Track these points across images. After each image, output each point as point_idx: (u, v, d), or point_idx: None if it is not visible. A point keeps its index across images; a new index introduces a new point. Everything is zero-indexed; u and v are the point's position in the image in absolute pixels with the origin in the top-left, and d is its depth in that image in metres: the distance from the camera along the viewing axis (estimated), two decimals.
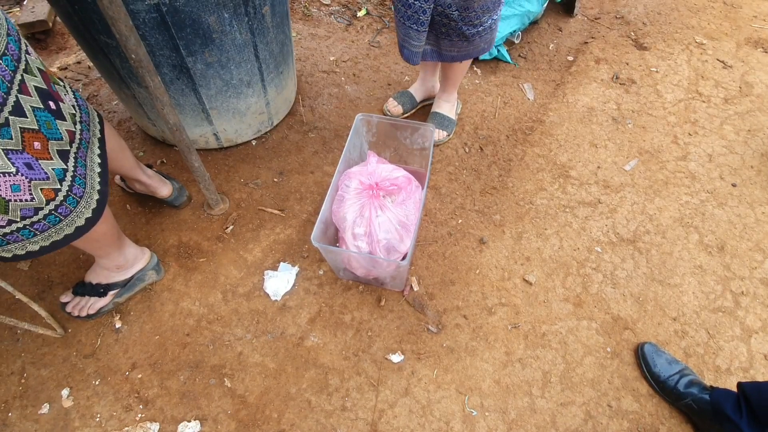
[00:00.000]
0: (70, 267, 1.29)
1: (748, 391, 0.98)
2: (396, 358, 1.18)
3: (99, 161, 0.96)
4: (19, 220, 0.77)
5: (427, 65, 1.62)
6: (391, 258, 1.17)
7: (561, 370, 1.18)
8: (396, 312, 1.26)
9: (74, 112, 0.89)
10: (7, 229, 0.77)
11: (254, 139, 1.60)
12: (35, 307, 1.09)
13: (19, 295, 1.05)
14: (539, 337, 1.23)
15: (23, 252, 0.84)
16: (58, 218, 0.84)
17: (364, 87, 1.80)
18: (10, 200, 0.74)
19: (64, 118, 0.84)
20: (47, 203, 0.80)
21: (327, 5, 2.13)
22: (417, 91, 1.69)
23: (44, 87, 0.80)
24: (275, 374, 1.15)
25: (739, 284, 1.35)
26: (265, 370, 1.16)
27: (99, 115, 1.03)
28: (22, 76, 0.74)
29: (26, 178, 0.74)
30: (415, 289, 1.30)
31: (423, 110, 1.75)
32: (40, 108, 0.77)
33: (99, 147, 0.98)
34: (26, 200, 0.76)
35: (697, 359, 1.22)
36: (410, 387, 1.15)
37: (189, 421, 1.08)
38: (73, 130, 0.87)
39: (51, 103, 0.80)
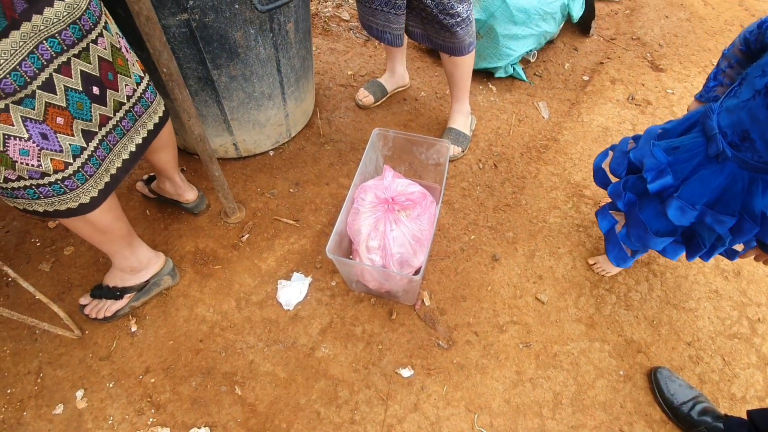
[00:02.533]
0: (90, 270, 1.32)
1: (757, 419, 0.96)
2: (406, 372, 1.18)
3: (133, 150, 1.02)
4: (27, 178, 0.83)
5: (395, 57, 1.73)
6: (404, 272, 1.18)
7: (572, 392, 1.17)
8: (407, 326, 1.26)
9: (124, 102, 0.95)
10: (16, 184, 0.84)
11: (272, 149, 1.63)
12: (54, 308, 1.12)
13: (39, 296, 1.08)
14: (551, 358, 1.22)
15: (30, 208, 0.90)
16: (63, 189, 0.88)
17: (381, 101, 1.83)
18: (16, 161, 0.79)
19: (104, 104, 0.90)
20: (55, 173, 0.85)
21: (346, 21, 2.18)
22: (387, 81, 1.80)
23: (95, 74, 0.86)
24: (285, 384, 1.16)
25: (755, 311, 1.33)
26: (275, 379, 1.16)
27: (165, 112, 1.09)
28: (69, 59, 0.80)
29: (37, 145, 0.80)
30: (427, 304, 1.30)
31: (394, 99, 1.85)
32: (77, 90, 0.83)
33: (144, 138, 1.04)
34: (33, 165, 0.81)
35: (711, 386, 1.20)
36: (419, 403, 1.14)
37: (199, 428, 1.09)
38: (110, 116, 0.93)
39: (95, 88, 0.86)
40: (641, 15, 2.35)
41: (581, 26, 2.20)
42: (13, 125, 0.76)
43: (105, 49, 0.87)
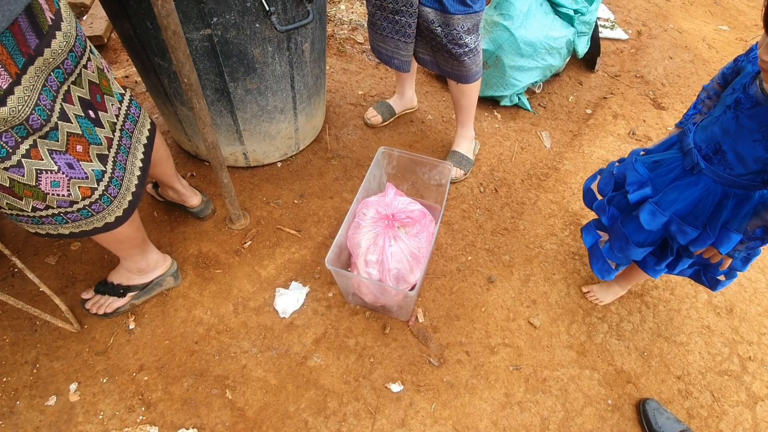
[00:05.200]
0: (95, 266, 1.36)
1: None
2: (396, 387, 1.19)
3: (140, 165, 1.05)
4: (55, 207, 0.86)
5: (404, 80, 1.80)
6: (400, 287, 1.21)
7: (560, 418, 1.18)
8: (399, 341, 1.28)
9: (115, 121, 0.97)
10: (44, 213, 0.86)
11: (280, 161, 1.68)
12: (57, 300, 1.15)
13: (43, 287, 1.12)
14: (540, 382, 1.23)
15: (55, 233, 0.93)
16: (90, 213, 0.92)
17: (388, 122, 1.89)
18: (48, 194, 0.82)
19: (102, 126, 0.92)
20: (83, 199, 0.88)
21: (360, 43, 2.27)
22: (396, 103, 1.87)
23: (87, 98, 0.88)
24: (276, 391, 1.17)
25: (746, 348, 1.34)
26: (266, 385, 1.18)
27: (152, 124, 1.13)
28: (69, 87, 0.83)
29: (66, 176, 0.83)
30: (420, 321, 1.32)
31: (401, 120, 1.91)
32: (81, 115, 0.86)
33: (143, 153, 1.07)
34: (63, 195, 0.84)
35: (699, 421, 1.19)
36: (407, 419, 1.15)
37: (187, 429, 1.10)
38: (111, 137, 0.95)
39: (90, 112, 0.89)
40: (646, 54, 2.43)
41: (587, 62, 2.27)
42: (43, 159, 0.78)
43: (93, 72, 0.89)
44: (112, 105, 0.97)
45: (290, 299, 1.32)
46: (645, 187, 1.02)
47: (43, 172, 0.79)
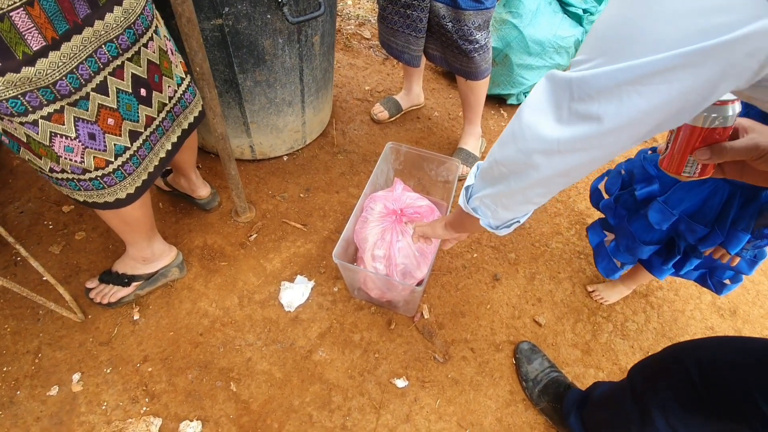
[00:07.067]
0: (99, 256, 1.35)
1: (635, 374, 0.92)
2: (400, 383, 1.19)
3: (169, 148, 1.06)
4: (69, 172, 0.87)
5: (412, 76, 1.79)
6: (406, 282, 1.20)
7: None
8: (405, 337, 1.27)
9: (167, 102, 0.99)
10: (60, 176, 0.88)
11: (286, 154, 1.68)
12: (61, 289, 1.14)
13: (47, 276, 1.11)
14: None
15: (72, 197, 0.95)
16: (102, 185, 0.92)
17: (395, 117, 1.89)
18: (61, 156, 0.83)
19: (150, 105, 0.94)
20: (95, 169, 0.89)
21: (367, 39, 2.26)
22: (402, 99, 1.86)
23: (143, 77, 0.90)
24: (280, 384, 1.16)
25: None
26: (271, 378, 1.17)
27: (201, 113, 1.13)
28: (123, 62, 0.84)
29: (82, 144, 0.84)
30: (426, 317, 1.31)
31: (408, 116, 1.90)
32: (127, 92, 0.87)
33: (178, 137, 1.08)
34: (76, 161, 0.85)
35: None
36: (412, 414, 1.15)
37: (191, 421, 1.09)
38: (154, 117, 0.97)
39: (142, 90, 0.91)
40: None
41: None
42: (64, 124, 0.79)
43: (154, 52, 0.91)
44: (169, 87, 0.99)
45: (295, 293, 1.32)
46: (652, 185, 1.02)
47: (58, 135, 0.80)
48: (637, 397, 0.83)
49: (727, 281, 1.09)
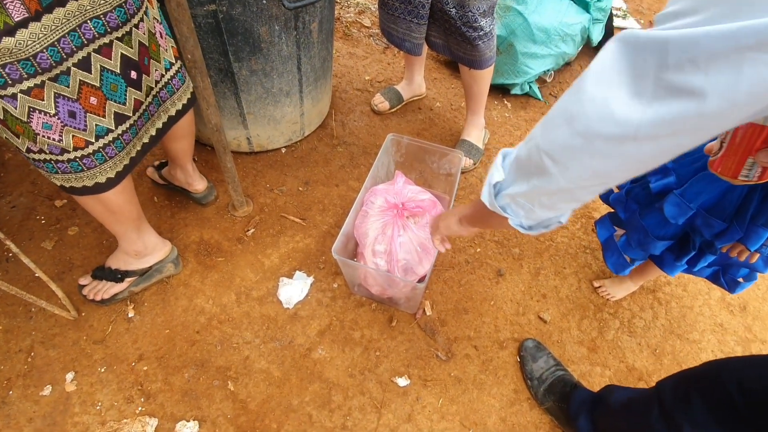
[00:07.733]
0: (93, 251, 1.31)
1: (664, 390, 0.89)
2: (402, 381, 1.16)
3: (153, 134, 1.03)
4: (47, 152, 0.84)
5: (413, 66, 1.74)
6: (408, 279, 1.17)
7: None
8: (406, 334, 1.24)
9: (152, 86, 0.96)
10: (37, 156, 0.85)
11: (284, 147, 1.63)
12: (53, 286, 1.11)
13: (39, 273, 1.07)
14: None
15: (50, 180, 0.92)
16: (81, 167, 0.89)
17: (396, 108, 1.84)
18: (38, 134, 0.80)
19: (139, 89, 0.91)
20: (74, 149, 0.85)
21: (367, 27, 2.20)
22: (403, 89, 1.81)
23: (134, 59, 0.87)
24: (279, 383, 1.14)
25: (760, 347, 1.31)
26: (269, 377, 1.14)
27: (190, 99, 1.10)
28: (112, 41, 0.81)
29: (61, 122, 0.81)
30: (428, 314, 1.28)
31: (409, 107, 1.85)
32: (114, 72, 0.84)
33: (165, 123, 1.04)
34: (54, 140, 0.82)
35: None
36: (414, 413, 1.12)
37: (188, 421, 1.07)
38: (142, 101, 0.94)
39: (133, 73, 0.88)
40: None
41: (599, 51, 2.21)
42: (43, 100, 0.77)
43: (144, 34, 0.88)
44: (156, 71, 0.96)
45: (294, 289, 1.28)
46: (669, 177, 0.98)
47: (36, 111, 0.77)
48: (666, 412, 0.80)
49: (740, 279, 1.05)
